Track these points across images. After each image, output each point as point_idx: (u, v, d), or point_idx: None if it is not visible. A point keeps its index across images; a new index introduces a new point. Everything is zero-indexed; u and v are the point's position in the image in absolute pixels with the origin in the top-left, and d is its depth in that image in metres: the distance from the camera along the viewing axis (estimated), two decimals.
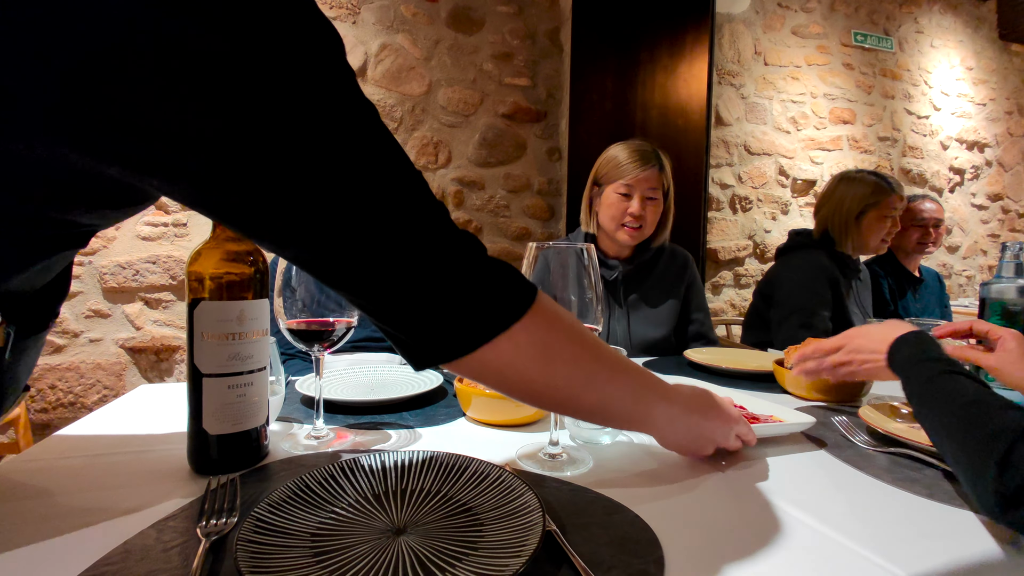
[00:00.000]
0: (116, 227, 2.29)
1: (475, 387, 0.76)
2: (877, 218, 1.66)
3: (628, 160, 1.37)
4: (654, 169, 1.37)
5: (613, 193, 1.39)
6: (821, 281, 1.64)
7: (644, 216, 1.38)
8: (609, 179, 1.40)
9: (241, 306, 0.56)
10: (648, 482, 0.58)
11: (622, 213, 1.38)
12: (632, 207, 1.37)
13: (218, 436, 0.56)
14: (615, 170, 1.38)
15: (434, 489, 0.51)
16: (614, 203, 1.39)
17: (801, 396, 0.93)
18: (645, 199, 1.37)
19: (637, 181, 1.36)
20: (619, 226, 1.39)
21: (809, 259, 1.70)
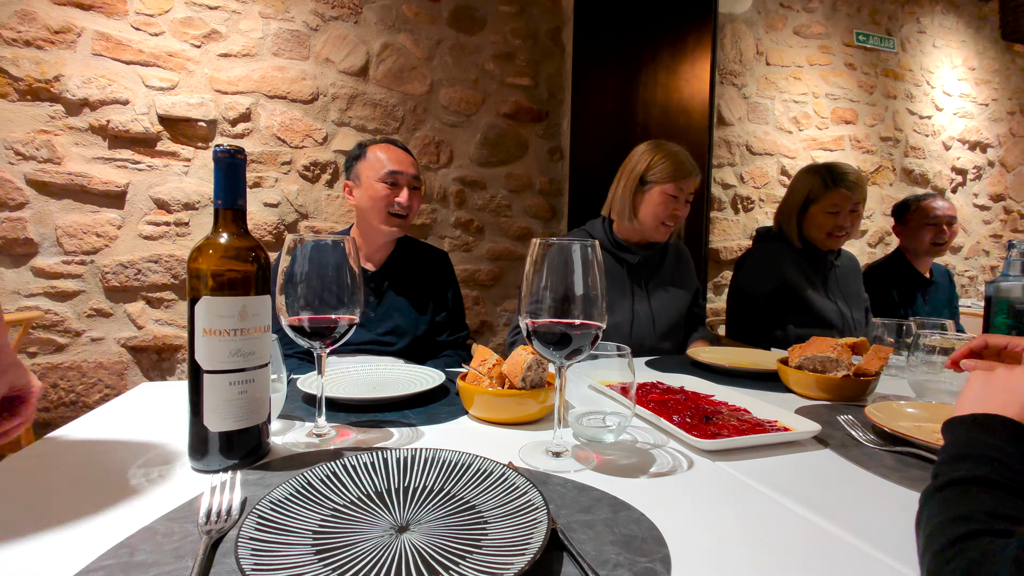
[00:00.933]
0: (118, 226, 2.29)
1: (477, 385, 0.76)
2: (819, 212, 1.65)
3: (684, 164, 1.45)
4: (698, 177, 1.47)
5: (663, 193, 1.44)
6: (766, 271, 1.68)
7: (683, 217, 1.49)
8: (662, 179, 1.45)
9: (243, 302, 0.55)
10: (653, 480, 0.58)
11: (668, 213, 1.45)
12: (680, 210, 1.46)
13: (219, 433, 0.55)
14: (670, 173, 1.44)
15: (437, 487, 0.51)
16: (662, 203, 1.45)
17: (806, 395, 0.93)
18: (686, 202, 1.48)
19: (688, 186, 1.46)
20: (659, 224, 1.46)
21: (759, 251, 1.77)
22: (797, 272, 1.66)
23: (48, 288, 2.22)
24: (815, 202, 1.65)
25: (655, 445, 0.68)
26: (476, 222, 2.85)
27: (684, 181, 1.44)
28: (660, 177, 1.45)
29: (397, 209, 1.35)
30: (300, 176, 2.52)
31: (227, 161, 0.55)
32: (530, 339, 0.61)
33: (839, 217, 1.64)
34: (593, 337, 0.59)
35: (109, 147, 2.26)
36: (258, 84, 2.43)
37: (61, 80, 2.18)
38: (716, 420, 0.73)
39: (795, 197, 1.69)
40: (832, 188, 1.63)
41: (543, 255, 0.60)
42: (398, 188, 1.35)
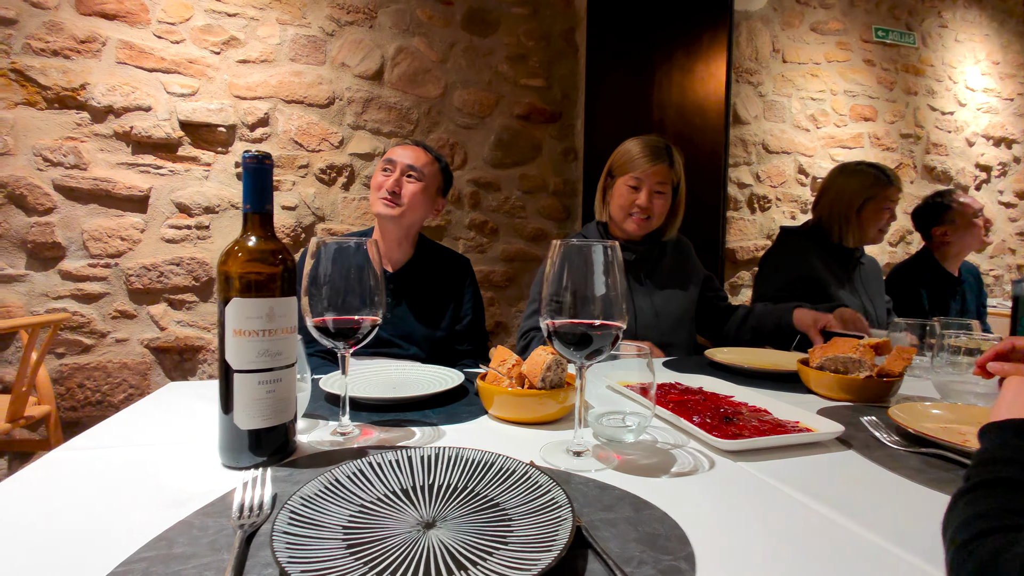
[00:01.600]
0: (141, 230, 2.34)
1: (497, 385, 0.77)
2: (875, 210, 1.65)
3: (640, 154, 1.42)
4: (664, 164, 1.42)
5: (624, 185, 1.44)
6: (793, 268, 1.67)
7: (651, 208, 1.44)
8: (621, 171, 1.46)
9: (270, 303, 0.57)
10: (674, 480, 0.58)
11: (631, 204, 1.44)
12: (640, 199, 1.42)
13: (248, 431, 0.57)
14: (627, 163, 1.44)
15: (461, 485, 0.52)
16: (624, 194, 1.44)
17: (827, 396, 0.92)
18: (653, 192, 1.43)
19: (647, 175, 1.41)
20: (627, 216, 1.46)
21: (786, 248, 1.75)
22: (826, 269, 1.66)
23: (75, 290, 2.28)
24: (872, 200, 1.65)
25: (675, 445, 0.68)
26: (490, 223, 2.86)
27: (641, 171, 1.41)
28: (620, 169, 1.46)
29: (384, 194, 1.37)
30: (317, 179, 2.56)
31: (255, 167, 0.57)
32: (550, 339, 0.61)
33: (889, 214, 1.65)
34: (613, 338, 0.59)
35: (132, 153, 2.32)
36: (276, 89, 2.48)
37: (87, 88, 2.24)
38: (736, 421, 0.73)
39: (851, 196, 1.67)
40: (888, 185, 1.64)
41: (563, 256, 0.60)
42: (390, 175, 1.38)
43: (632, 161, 1.42)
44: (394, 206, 1.38)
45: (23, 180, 2.21)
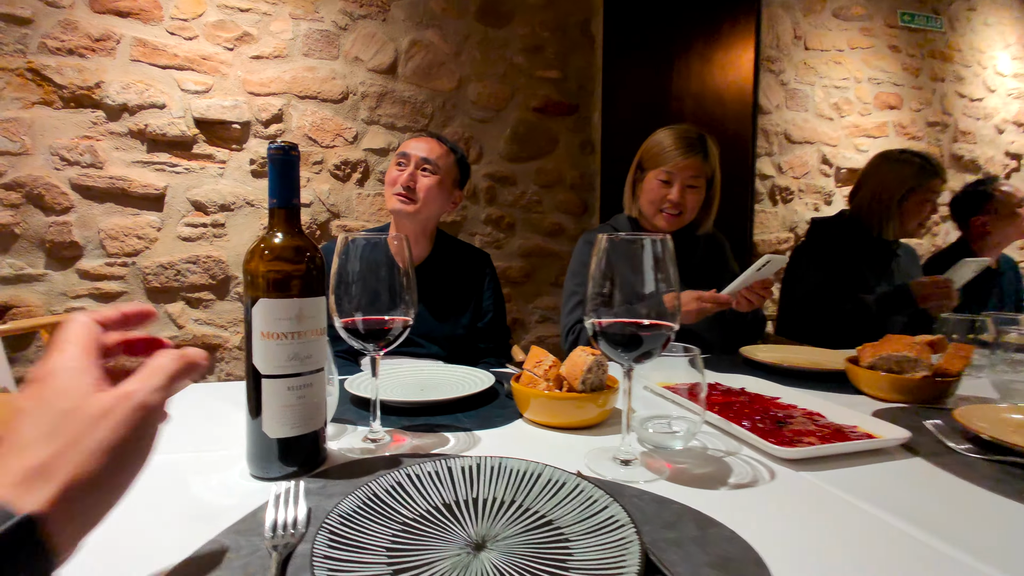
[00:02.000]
0: (158, 228, 2.33)
1: (533, 388, 0.73)
2: (918, 202, 1.58)
3: (672, 147, 1.35)
4: (697, 157, 1.34)
5: (654, 179, 1.38)
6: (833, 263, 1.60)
7: (683, 204, 1.37)
8: (652, 164, 1.39)
9: (300, 304, 0.53)
10: (735, 493, 0.54)
11: (661, 199, 1.38)
12: (671, 194, 1.36)
13: (278, 440, 0.53)
14: (658, 156, 1.37)
15: (507, 499, 0.48)
16: (654, 188, 1.38)
17: (879, 397, 0.87)
18: (686, 187, 1.36)
19: (679, 169, 1.35)
20: (657, 211, 1.40)
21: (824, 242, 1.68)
22: (865, 264, 1.60)
23: (93, 289, 2.28)
24: (916, 191, 1.57)
25: (728, 453, 0.64)
26: (507, 218, 2.81)
27: (673, 165, 1.34)
28: (651, 162, 1.40)
29: (399, 190, 1.32)
30: (331, 175, 2.53)
31: (281, 158, 0.53)
32: (596, 339, 0.57)
33: (931, 207, 1.58)
34: (665, 339, 0.55)
35: (148, 151, 2.31)
36: (289, 85, 2.45)
37: (102, 86, 2.23)
38: (790, 425, 0.69)
39: (894, 186, 1.60)
40: (934, 176, 1.57)
41: (610, 250, 0.56)
42: (404, 169, 1.33)
43: (663, 154, 1.36)
44: (409, 202, 1.33)
45: (41, 180, 2.20)
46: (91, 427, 0.30)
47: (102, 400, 0.31)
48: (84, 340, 0.34)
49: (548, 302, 2.91)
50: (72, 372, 0.32)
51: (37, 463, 0.28)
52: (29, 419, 0.30)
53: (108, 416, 0.30)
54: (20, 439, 0.29)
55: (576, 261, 1.51)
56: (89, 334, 0.35)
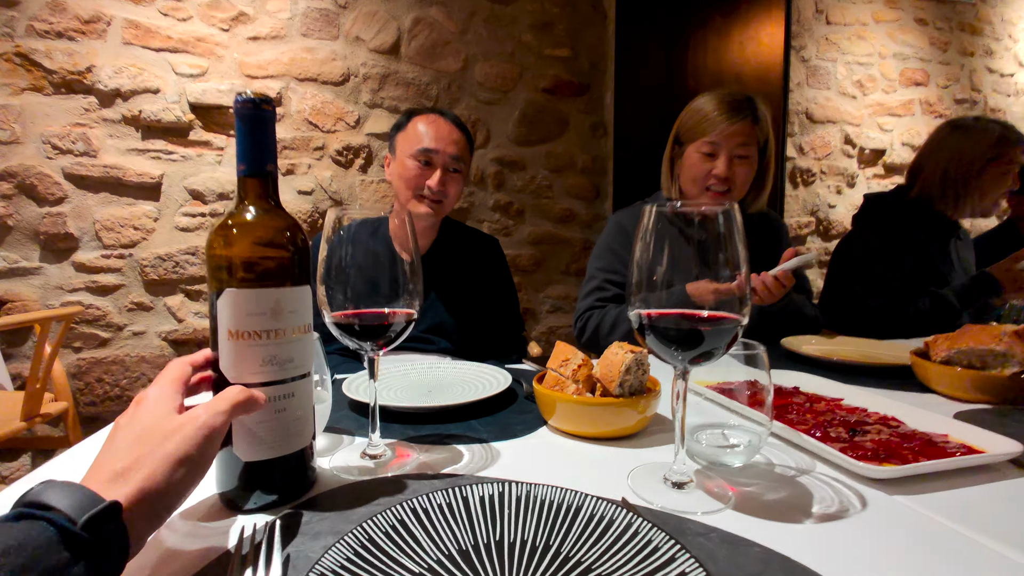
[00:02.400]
0: (155, 219, 2.25)
1: (560, 391, 0.62)
2: (998, 175, 1.40)
3: (715, 111, 1.16)
4: (746, 121, 1.14)
5: (695, 152, 1.19)
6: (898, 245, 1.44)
7: (732, 178, 1.17)
8: (692, 135, 1.20)
9: (276, 295, 0.43)
10: (824, 528, 0.43)
11: (705, 175, 1.18)
12: (717, 168, 1.16)
13: (252, 464, 0.43)
14: (699, 125, 1.18)
15: (540, 542, 0.37)
16: (696, 163, 1.19)
17: (957, 397, 0.75)
18: (734, 158, 1.16)
19: (725, 137, 1.15)
20: (703, 190, 1.21)
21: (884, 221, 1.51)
22: (933, 245, 1.44)
23: (89, 282, 2.20)
24: (996, 161, 1.40)
25: (800, 471, 0.53)
26: (516, 204, 2.70)
27: (718, 133, 1.15)
28: (690, 134, 1.20)
29: (427, 193, 1.17)
30: (333, 161, 2.43)
31: (251, 113, 0.43)
32: (643, 334, 0.46)
33: (1011, 179, 1.40)
34: (732, 335, 0.44)
35: (143, 138, 2.22)
36: (288, 67, 2.34)
37: (93, 71, 2.14)
38: (867, 434, 0.58)
39: (971, 157, 1.42)
40: (1016, 144, 1.39)
41: (661, 225, 0.45)
42: (431, 169, 1.17)
43: (705, 121, 1.16)
44: (439, 207, 1.19)
45: (33, 169, 2.12)
46: (164, 440, 0.36)
47: (175, 420, 0.38)
48: (175, 375, 0.42)
49: (559, 291, 2.80)
50: (159, 398, 0.40)
51: (120, 467, 0.35)
52: (122, 432, 0.38)
53: (178, 432, 0.37)
54: (114, 446, 0.36)
55: (601, 244, 1.37)
56: (181, 372, 0.43)
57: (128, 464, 0.34)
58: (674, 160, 1.28)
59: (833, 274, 1.60)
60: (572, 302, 2.82)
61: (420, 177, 1.16)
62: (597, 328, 1.24)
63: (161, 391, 0.40)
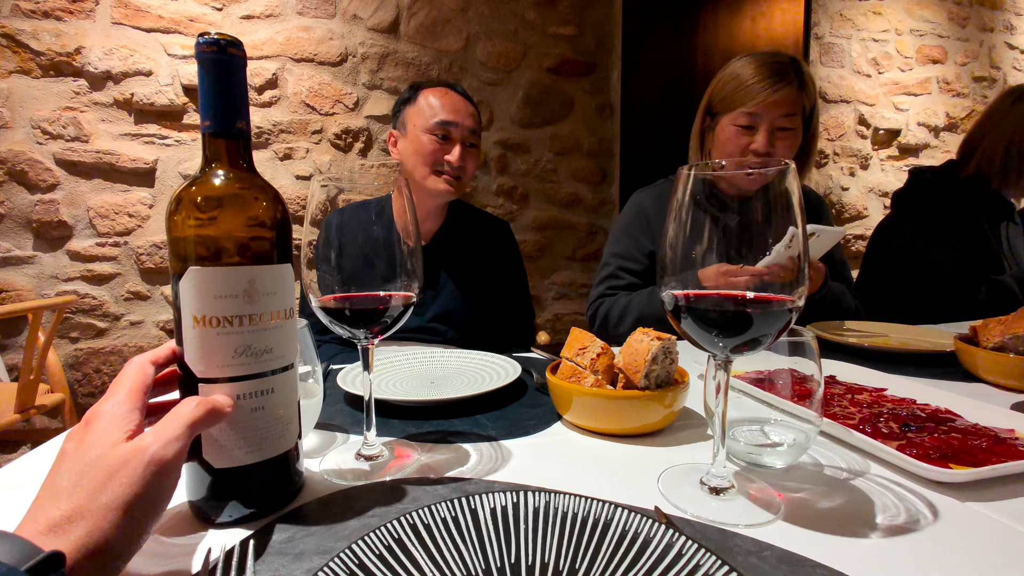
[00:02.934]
0: (150, 205, 2.19)
1: (577, 382, 0.55)
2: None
3: (755, 77, 1.02)
4: (791, 87, 1.01)
5: (731, 125, 1.06)
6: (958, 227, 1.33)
7: (774, 153, 1.04)
8: (727, 105, 1.07)
9: (251, 274, 0.36)
10: (890, 544, 0.36)
11: (743, 149, 1.06)
12: (756, 143, 1.03)
13: (223, 471, 0.37)
14: (736, 93, 1.05)
15: (564, 566, 0.31)
16: (731, 137, 1.07)
17: (1010, 387, 0.69)
18: (776, 130, 1.03)
19: (766, 107, 1.01)
20: None
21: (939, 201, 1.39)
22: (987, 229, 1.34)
23: (85, 272, 2.15)
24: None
25: (853, 472, 0.47)
26: (520, 189, 2.62)
27: (759, 103, 1.01)
28: (725, 103, 1.07)
29: (447, 169, 1.10)
30: (332, 145, 2.35)
31: (215, 58, 0.36)
32: (678, 317, 0.40)
33: None
34: (785, 321, 0.38)
35: (135, 122, 2.15)
36: (283, 47, 2.26)
37: (82, 52, 2.06)
38: (921, 430, 0.51)
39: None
40: None
41: (701, 190, 0.38)
42: (450, 143, 1.10)
43: (744, 89, 1.03)
44: (458, 184, 1.13)
45: (23, 155, 2.06)
46: (108, 480, 0.31)
47: (121, 453, 0.32)
48: (133, 384, 0.36)
49: (565, 277, 2.74)
50: (111, 420, 0.34)
51: (59, 516, 0.29)
52: (64, 465, 0.32)
53: (123, 469, 0.31)
54: (54, 486, 0.31)
55: (618, 226, 1.27)
56: (140, 377, 0.36)
57: (68, 512, 0.29)
58: (704, 133, 1.16)
59: (873, 260, 1.50)
60: (578, 288, 2.75)
61: (439, 152, 1.09)
62: (606, 317, 1.17)
63: (115, 409, 0.34)
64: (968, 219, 1.36)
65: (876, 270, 1.48)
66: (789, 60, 1.05)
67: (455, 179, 1.11)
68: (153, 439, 0.32)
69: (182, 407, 0.34)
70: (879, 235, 1.51)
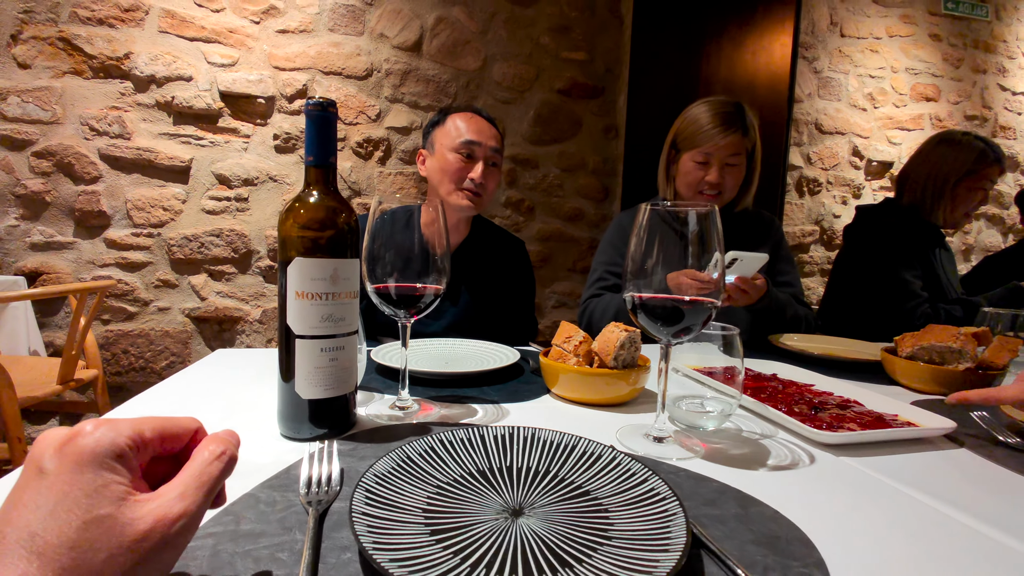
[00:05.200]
0: (183, 200, 2.35)
1: (563, 363, 0.71)
2: (970, 188, 1.50)
3: (709, 124, 1.26)
4: (736, 135, 1.25)
5: (690, 161, 1.30)
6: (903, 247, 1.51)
7: (723, 184, 1.29)
8: (688, 145, 1.31)
9: (335, 265, 0.53)
10: (775, 474, 0.52)
11: (699, 181, 1.30)
12: (710, 175, 1.28)
13: (310, 401, 0.53)
14: (695, 136, 1.29)
15: (542, 468, 0.47)
16: (691, 171, 1.31)
17: (918, 389, 0.84)
18: (724, 166, 1.28)
19: (717, 148, 1.26)
20: (696, 194, 1.33)
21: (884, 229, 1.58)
22: (932, 256, 1.53)
23: (119, 259, 2.32)
24: (971, 176, 1.50)
25: (764, 436, 0.62)
26: (527, 202, 2.79)
27: (711, 145, 1.26)
28: (686, 143, 1.31)
29: (469, 185, 1.22)
30: (353, 153, 2.53)
31: (318, 115, 0.52)
32: (635, 313, 0.56)
33: (983, 195, 1.50)
34: (707, 315, 0.53)
35: (174, 123, 2.32)
36: (314, 60, 2.44)
37: (131, 57, 2.25)
38: (827, 411, 0.67)
39: (949, 169, 1.51)
40: (994, 163, 1.49)
41: (653, 221, 0.54)
42: (473, 161, 1.21)
43: (700, 134, 1.27)
44: (480, 200, 1.24)
45: (71, 149, 2.24)
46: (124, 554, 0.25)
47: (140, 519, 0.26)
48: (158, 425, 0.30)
49: (565, 287, 2.89)
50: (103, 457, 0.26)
51: None
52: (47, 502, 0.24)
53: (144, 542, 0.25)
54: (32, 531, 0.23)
55: (605, 240, 1.46)
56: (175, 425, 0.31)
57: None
58: (670, 164, 1.39)
59: (837, 287, 1.68)
60: (577, 298, 2.91)
61: (463, 170, 1.21)
62: (593, 314, 1.33)
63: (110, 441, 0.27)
64: (911, 245, 1.54)
65: (840, 296, 1.65)
66: (735, 109, 1.28)
67: (476, 195, 1.23)
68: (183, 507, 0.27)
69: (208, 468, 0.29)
70: (839, 266, 1.69)
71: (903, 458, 0.57)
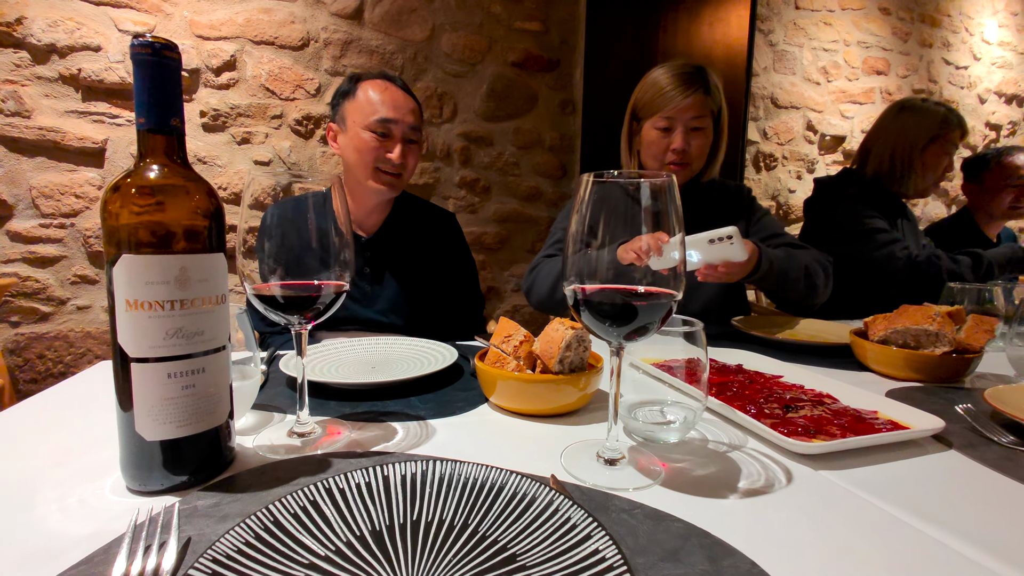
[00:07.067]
0: (98, 187, 2.11)
1: (501, 368, 0.60)
2: (937, 154, 1.48)
3: (669, 86, 1.16)
4: (698, 94, 1.15)
5: (652, 128, 1.20)
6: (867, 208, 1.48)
7: (689, 151, 1.19)
8: (648, 111, 1.20)
9: (182, 262, 0.39)
10: (748, 503, 0.43)
11: (664, 150, 1.20)
12: (674, 142, 1.17)
13: (159, 443, 0.40)
14: (655, 101, 1.18)
15: (457, 522, 0.36)
16: (654, 140, 1.20)
17: (890, 375, 0.78)
18: (689, 131, 1.18)
19: (679, 111, 1.16)
20: (662, 165, 1.22)
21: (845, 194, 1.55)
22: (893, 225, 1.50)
23: (27, 253, 2.07)
24: (936, 140, 1.46)
25: (732, 446, 0.53)
26: (482, 181, 2.65)
27: (672, 108, 1.16)
28: (646, 109, 1.21)
29: (388, 167, 1.11)
30: (292, 131, 2.32)
31: (149, 59, 0.38)
32: (578, 310, 0.45)
33: (948, 161, 1.47)
34: (665, 311, 0.43)
35: (83, 99, 2.07)
36: (243, 28, 2.21)
37: (24, 23, 1.97)
38: (800, 410, 0.58)
39: (915, 136, 1.48)
40: (956, 127, 1.46)
41: (597, 196, 0.43)
42: (390, 141, 1.10)
43: (660, 97, 1.17)
44: (399, 181, 1.13)
45: None
46: None
47: None
48: None
49: (523, 269, 2.79)
50: None
51: None
52: None
53: None
54: None
55: (563, 211, 1.39)
56: None
57: None
58: (632, 136, 1.28)
59: None
60: None
61: (379, 150, 1.10)
62: (538, 275, 1.23)
63: None
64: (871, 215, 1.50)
65: None
66: (695, 69, 1.19)
67: (395, 176, 1.13)
68: None
69: None
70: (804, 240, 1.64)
71: (888, 468, 0.50)
